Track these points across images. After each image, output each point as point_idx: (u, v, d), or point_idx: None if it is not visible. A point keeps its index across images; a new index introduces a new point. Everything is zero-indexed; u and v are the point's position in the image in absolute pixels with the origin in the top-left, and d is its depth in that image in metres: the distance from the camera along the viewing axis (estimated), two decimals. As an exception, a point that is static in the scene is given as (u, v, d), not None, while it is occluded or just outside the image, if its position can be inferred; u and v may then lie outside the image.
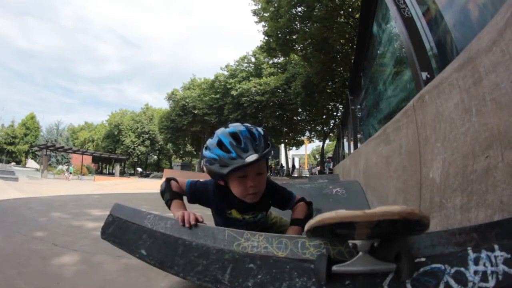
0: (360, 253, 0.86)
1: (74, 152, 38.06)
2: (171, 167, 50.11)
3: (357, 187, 4.50)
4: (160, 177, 36.06)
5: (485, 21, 1.90)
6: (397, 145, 2.52)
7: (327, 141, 33.55)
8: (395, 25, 3.62)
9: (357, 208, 2.36)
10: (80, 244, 2.78)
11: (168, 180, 1.64)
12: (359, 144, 8.36)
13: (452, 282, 0.80)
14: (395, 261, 0.84)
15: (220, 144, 1.38)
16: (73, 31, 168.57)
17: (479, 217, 1.10)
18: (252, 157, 1.30)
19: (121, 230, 1.47)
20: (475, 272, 0.79)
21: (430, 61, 2.67)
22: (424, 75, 2.49)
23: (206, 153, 1.43)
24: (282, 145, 38.47)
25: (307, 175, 31.67)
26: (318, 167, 36.23)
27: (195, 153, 44.25)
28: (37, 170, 34.69)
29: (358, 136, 9.10)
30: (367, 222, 0.76)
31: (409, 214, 0.72)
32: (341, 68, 18.29)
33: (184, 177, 1.79)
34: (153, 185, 20.49)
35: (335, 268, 0.86)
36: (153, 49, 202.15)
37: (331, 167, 19.67)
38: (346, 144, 13.01)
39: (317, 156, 71.87)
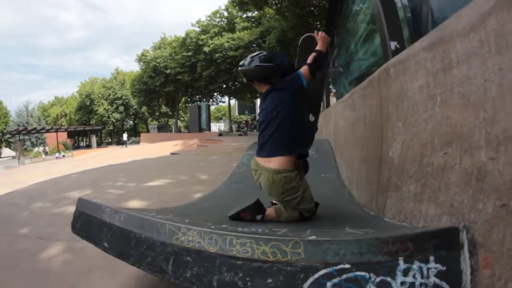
0: None
1: (48, 131, 36.26)
2: (147, 131, 49.19)
3: (327, 147, 4.59)
4: (138, 142, 35.49)
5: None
6: (362, 114, 2.50)
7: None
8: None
9: (325, 170, 2.44)
10: (62, 233, 2.90)
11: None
12: (331, 102, 8.37)
13: None
14: None
15: None
16: (27, 2, 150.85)
17: (429, 212, 1.08)
18: None
19: (86, 224, 1.57)
20: (402, 283, 0.79)
21: (402, 30, 2.49)
22: (393, 44, 2.31)
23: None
24: (258, 100, 38.07)
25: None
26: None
27: (170, 113, 43.18)
28: (14, 157, 33.36)
29: (331, 94, 9.08)
30: None
31: None
32: (318, 23, 17.63)
33: (161, 140, 1.88)
34: (130, 153, 20.35)
35: None
36: (119, 10, 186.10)
37: (307, 122, 19.83)
38: (320, 101, 13.00)
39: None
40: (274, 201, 2.07)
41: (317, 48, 1.98)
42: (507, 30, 0.73)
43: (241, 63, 1.99)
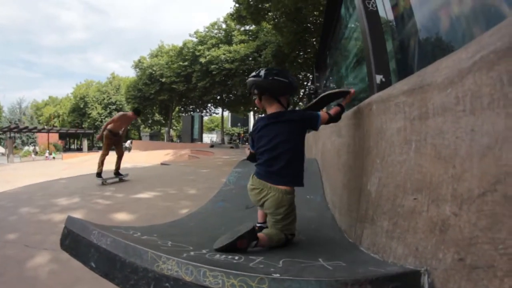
0: None
1: (40, 131, 36.20)
2: (140, 138, 48.95)
3: (315, 167, 4.64)
4: (129, 149, 35.21)
5: (460, 27, 1.81)
6: (347, 142, 2.55)
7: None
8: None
9: (311, 191, 2.51)
10: (49, 242, 2.96)
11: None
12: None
13: None
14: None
15: None
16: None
17: (398, 251, 1.13)
18: None
19: (75, 243, 1.64)
20: None
21: (389, 63, 2.52)
22: (379, 78, 2.36)
23: None
24: (251, 113, 38.28)
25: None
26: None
27: (163, 122, 43.14)
28: (3, 154, 32.95)
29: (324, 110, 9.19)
30: None
31: None
32: (314, 39, 17.99)
33: (152, 148, 1.94)
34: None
35: None
36: (121, 15, 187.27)
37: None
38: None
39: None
40: (258, 224, 2.09)
41: (343, 103, 2.14)
42: (484, 92, 0.72)
43: (254, 73, 1.97)
